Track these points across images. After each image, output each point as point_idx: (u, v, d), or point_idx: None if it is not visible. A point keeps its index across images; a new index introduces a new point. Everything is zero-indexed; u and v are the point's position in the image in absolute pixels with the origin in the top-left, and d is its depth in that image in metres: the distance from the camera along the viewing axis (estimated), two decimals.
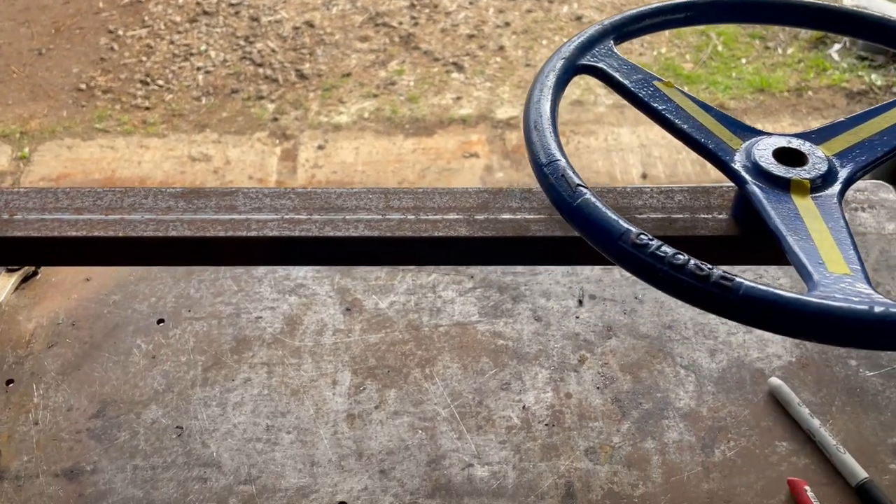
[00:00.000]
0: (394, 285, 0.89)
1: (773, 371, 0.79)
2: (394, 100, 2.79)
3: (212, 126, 2.69)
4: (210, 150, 2.62)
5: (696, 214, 0.68)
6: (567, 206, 0.55)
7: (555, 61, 0.67)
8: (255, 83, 2.85)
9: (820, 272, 0.51)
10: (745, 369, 0.79)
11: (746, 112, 2.59)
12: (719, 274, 0.48)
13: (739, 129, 0.65)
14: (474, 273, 0.90)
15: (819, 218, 0.57)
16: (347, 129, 2.69)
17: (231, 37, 3.04)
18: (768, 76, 2.68)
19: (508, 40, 2.99)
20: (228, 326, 0.85)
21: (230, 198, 0.69)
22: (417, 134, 2.69)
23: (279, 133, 2.67)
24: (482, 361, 0.81)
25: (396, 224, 0.67)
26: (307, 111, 2.73)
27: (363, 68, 2.91)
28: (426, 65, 2.92)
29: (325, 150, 2.61)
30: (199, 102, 2.78)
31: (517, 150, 2.62)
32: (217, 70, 2.90)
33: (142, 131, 2.68)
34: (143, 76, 2.88)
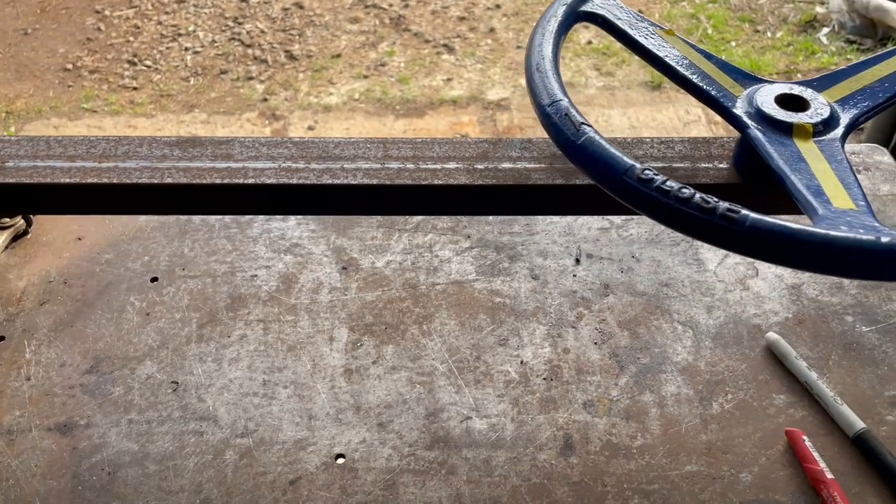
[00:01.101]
0: (390, 245, 0.88)
1: (770, 327, 0.79)
2: (384, 81, 2.77)
3: (200, 106, 2.67)
4: (199, 130, 2.59)
5: (697, 164, 0.68)
6: (571, 145, 0.55)
7: (556, 7, 0.66)
8: (244, 64, 2.82)
9: (825, 206, 0.51)
10: (743, 325, 0.79)
11: None
12: (725, 206, 0.48)
13: (741, 76, 0.65)
14: (471, 233, 0.89)
15: (822, 159, 0.57)
16: (338, 109, 2.67)
17: (220, 17, 3.01)
18: (758, 59, 2.69)
19: (499, 22, 2.98)
20: (223, 284, 0.84)
21: (226, 146, 0.68)
22: (408, 115, 2.67)
23: (269, 114, 2.65)
24: (480, 318, 0.81)
25: (395, 172, 0.66)
26: (297, 92, 2.71)
27: (353, 49, 2.89)
28: (417, 46, 2.91)
29: (315, 131, 2.60)
30: (188, 83, 2.75)
31: (508, 131, 2.61)
32: (205, 51, 2.87)
33: (129, 111, 2.65)
34: (131, 56, 2.85)
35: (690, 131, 2.51)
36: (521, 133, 2.62)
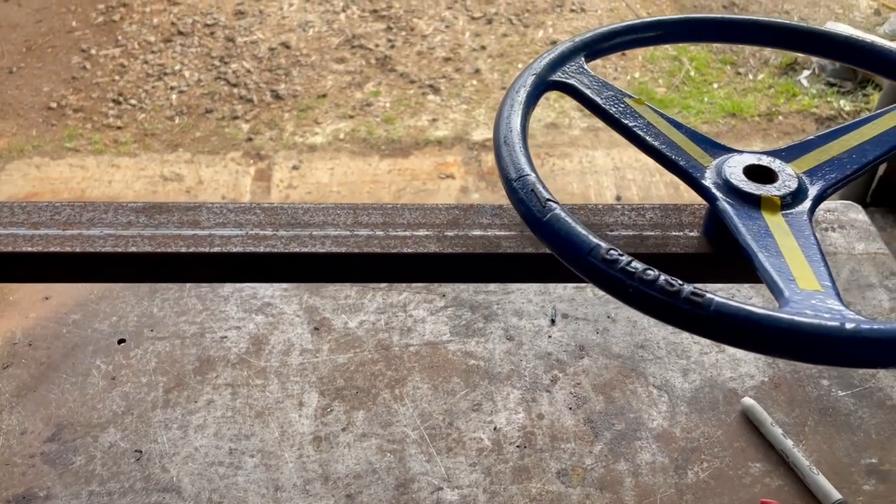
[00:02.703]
0: (364, 304, 0.87)
1: (745, 391, 0.78)
2: (370, 121, 2.79)
3: (185, 145, 2.66)
4: (182, 169, 2.59)
5: (668, 232, 0.67)
6: (536, 221, 0.54)
7: (525, 77, 0.66)
8: (229, 103, 2.83)
9: (791, 288, 0.50)
10: (718, 389, 0.78)
11: (718, 136, 2.62)
12: (690, 290, 0.47)
13: (710, 146, 0.65)
14: (446, 292, 0.88)
15: (790, 234, 0.57)
16: (323, 149, 2.68)
17: (206, 57, 3.02)
18: (739, 101, 2.72)
19: (484, 63, 3.01)
20: (192, 346, 0.82)
21: (193, 213, 0.68)
22: (393, 155, 2.68)
23: (253, 153, 2.65)
24: (453, 382, 0.80)
25: (364, 240, 0.66)
26: (282, 131, 2.72)
27: (339, 89, 2.91)
28: (402, 87, 2.93)
29: (299, 171, 2.60)
30: (173, 122, 2.75)
31: (493, 171, 2.62)
32: (191, 90, 2.88)
33: (113, 150, 2.64)
34: (116, 95, 2.85)
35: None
36: None
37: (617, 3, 3.22)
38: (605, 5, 3.22)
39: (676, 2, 3.22)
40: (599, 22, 3.15)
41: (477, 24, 3.18)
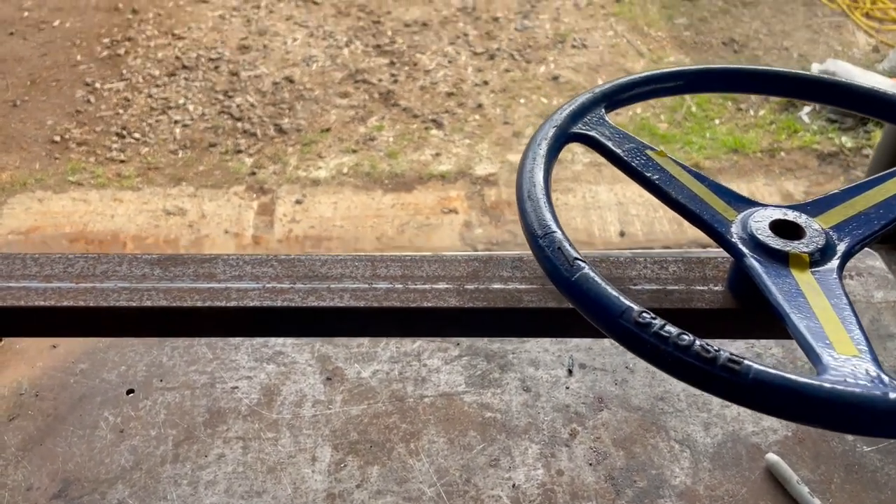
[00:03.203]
0: (377, 353, 0.86)
1: (769, 446, 0.76)
2: (373, 155, 2.79)
3: (188, 179, 2.66)
4: (186, 203, 2.58)
5: (692, 286, 0.66)
6: (564, 281, 0.53)
7: (546, 129, 0.66)
8: (233, 137, 2.84)
9: (828, 354, 0.49)
10: (741, 444, 0.77)
11: (721, 172, 2.63)
12: (727, 356, 0.46)
13: (733, 199, 0.64)
14: (460, 340, 0.87)
15: (821, 294, 0.55)
16: (326, 183, 2.68)
17: (210, 91, 3.04)
18: (741, 137, 2.73)
19: (487, 98, 3.03)
20: (202, 397, 0.81)
21: (209, 265, 0.66)
22: (396, 189, 2.68)
23: (257, 187, 2.64)
24: (469, 435, 0.78)
25: (384, 294, 0.65)
26: (286, 165, 2.72)
27: (343, 124, 2.92)
28: (405, 121, 2.94)
29: (303, 205, 2.59)
30: (176, 156, 2.75)
31: (496, 206, 2.62)
32: (195, 124, 2.89)
33: (116, 184, 2.64)
34: (120, 129, 2.86)
35: None
36: (509, 208, 2.63)
37: (618, 40, 3.25)
38: (606, 42, 3.25)
39: (676, 39, 3.25)
40: (601, 58, 3.17)
41: (479, 60, 3.20)
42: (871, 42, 3.22)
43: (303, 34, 3.34)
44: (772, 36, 3.25)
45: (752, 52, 3.15)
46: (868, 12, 3.38)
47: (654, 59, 3.15)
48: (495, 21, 3.41)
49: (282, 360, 0.85)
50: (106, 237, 2.48)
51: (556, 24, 3.38)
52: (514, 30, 3.35)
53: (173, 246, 2.43)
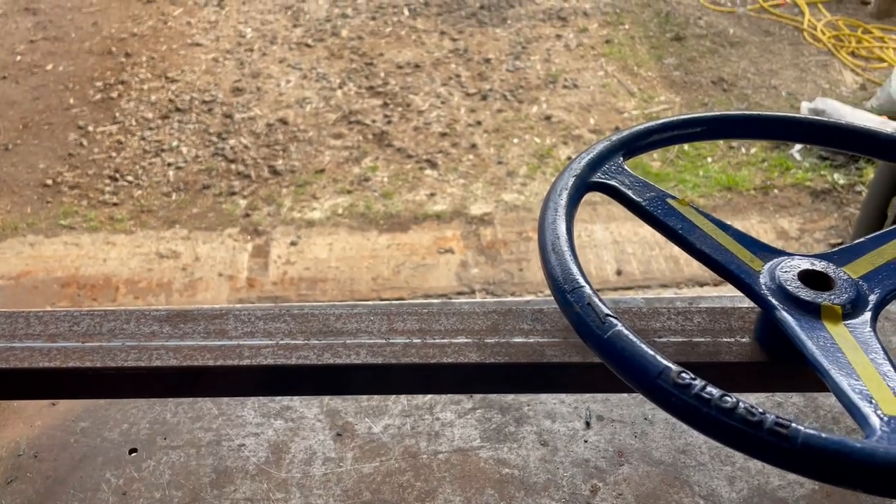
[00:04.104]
0: (388, 406, 0.83)
1: (796, 500, 0.74)
2: (368, 196, 2.78)
3: (182, 222, 2.64)
4: (179, 246, 2.55)
5: (718, 338, 0.65)
6: (596, 338, 0.51)
7: (566, 179, 0.65)
8: (227, 179, 2.83)
9: (875, 415, 0.47)
10: (768, 498, 0.74)
11: (716, 209, 2.63)
12: (773, 419, 0.44)
13: (758, 248, 0.63)
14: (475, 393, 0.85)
15: (857, 348, 0.54)
16: (321, 224, 2.66)
17: (203, 133, 3.03)
18: (734, 174, 2.75)
19: (480, 138, 3.04)
20: (208, 456, 0.78)
21: (220, 321, 0.64)
22: (392, 230, 2.67)
23: (251, 229, 2.62)
24: (487, 493, 0.75)
25: (401, 349, 0.62)
26: (280, 207, 2.71)
27: (337, 165, 2.92)
28: (400, 161, 2.94)
29: (297, 247, 2.57)
30: (170, 198, 2.73)
31: (492, 245, 2.61)
32: (188, 166, 2.88)
33: (108, 228, 2.61)
34: (112, 172, 2.84)
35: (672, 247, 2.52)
36: (505, 248, 2.62)
37: (609, 80, 3.29)
38: (597, 82, 3.29)
39: (666, 79, 3.29)
40: (592, 98, 3.20)
41: (472, 100, 3.22)
42: (857, 80, 3.27)
43: (296, 76, 3.36)
44: (760, 75, 3.30)
45: (741, 91, 3.19)
46: (854, 51, 3.45)
47: (645, 99, 3.18)
48: (487, 62, 3.44)
49: (290, 415, 0.82)
50: (98, 281, 2.44)
51: (547, 64, 3.42)
52: (506, 70, 3.39)
53: (166, 289, 2.40)
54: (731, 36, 3.56)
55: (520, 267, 2.55)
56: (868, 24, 3.59)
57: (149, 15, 3.77)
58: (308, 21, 3.75)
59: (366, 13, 3.82)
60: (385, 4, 3.89)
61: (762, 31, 3.60)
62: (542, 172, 2.89)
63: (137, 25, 3.70)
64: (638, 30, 3.64)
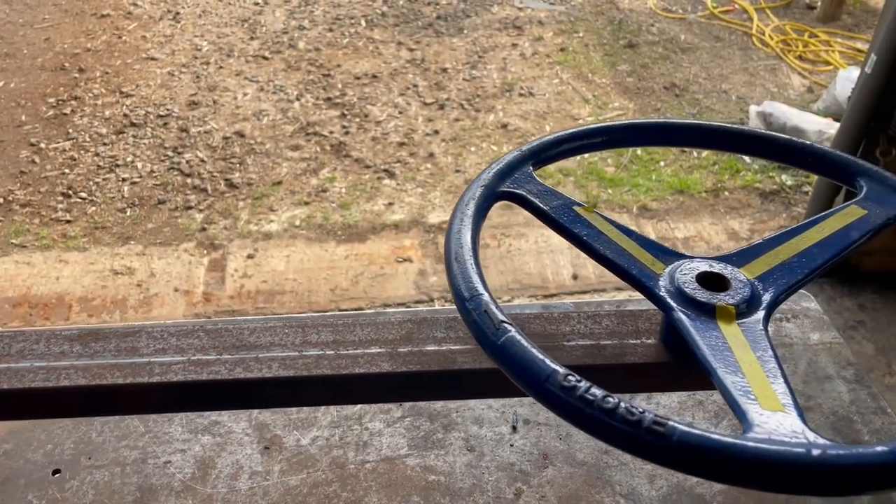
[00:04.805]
0: (317, 418, 0.83)
1: (713, 496, 0.76)
2: (325, 207, 2.78)
3: (136, 238, 2.61)
4: (134, 262, 2.53)
5: (625, 340, 0.66)
6: (490, 344, 0.53)
7: (474, 189, 0.66)
8: (182, 193, 2.80)
9: (753, 410, 0.49)
10: (686, 495, 0.76)
11: (668, 213, 2.68)
12: (651, 418, 0.46)
13: (661, 252, 0.65)
14: (404, 401, 0.85)
15: (747, 347, 0.56)
16: (278, 237, 2.65)
17: (159, 148, 3.01)
18: (686, 178, 2.80)
19: (438, 147, 3.06)
20: (133, 474, 0.77)
21: (132, 338, 0.64)
22: (350, 240, 2.67)
23: (207, 243, 2.61)
24: (412, 501, 0.76)
25: (314, 361, 0.63)
26: (237, 220, 2.69)
27: (294, 176, 2.91)
28: (358, 172, 2.94)
29: (254, 259, 2.56)
30: (124, 214, 2.71)
31: None
32: (143, 181, 2.85)
33: (61, 245, 2.57)
34: (66, 189, 2.80)
35: None
36: None
37: (564, 88, 3.33)
38: (553, 89, 3.33)
39: (620, 85, 3.34)
40: (548, 105, 3.24)
41: (429, 110, 3.24)
42: (805, 83, 3.35)
43: (253, 89, 3.35)
44: (711, 80, 3.36)
45: (692, 96, 3.25)
46: (801, 55, 3.53)
47: (600, 105, 3.23)
48: (444, 72, 3.46)
49: (217, 430, 0.82)
50: (50, 300, 2.41)
51: (503, 73, 3.45)
52: (463, 80, 3.41)
53: (121, 306, 2.37)
54: (683, 42, 3.63)
55: None
56: (814, 29, 3.69)
57: (103, 29, 3.74)
58: (265, 33, 3.74)
59: (323, 25, 3.82)
60: (342, 16, 3.90)
61: (713, 36, 3.68)
62: None
63: (91, 40, 3.66)
64: (592, 37, 3.69)
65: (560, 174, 2.87)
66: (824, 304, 2.47)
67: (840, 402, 0.84)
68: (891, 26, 2.03)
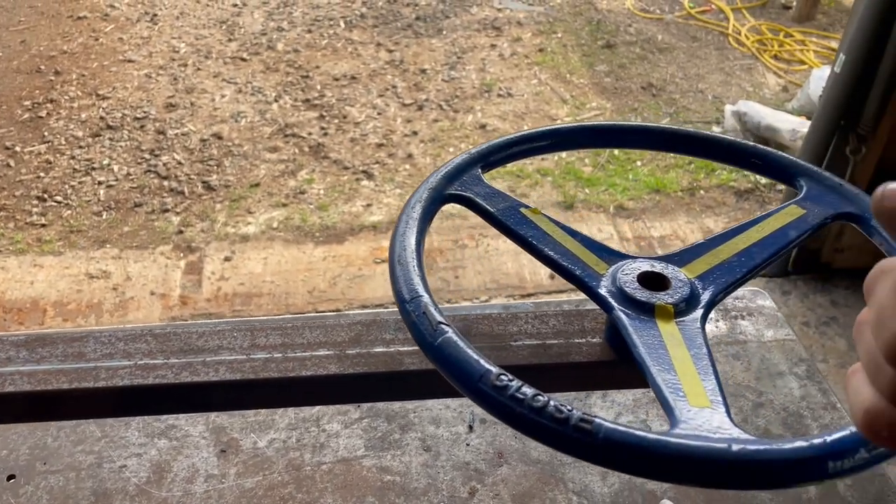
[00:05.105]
0: (275, 420, 0.84)
1: (664, 492, 0.77)
2: (303, 208, 2.78)
3: (112, 241, 2.60)
4: (109, 266, 2.51)
5: (571, 339, 0.67)
6: (428, 345, 0.53)
7: (421, 192, 0.67)
8: (159, 196, 2.79)
9: (681, 407, 0.50)
10: (637, 492, 0.77)
11: (644, 212, 2.70)
12: (579, 416, 0.46)
13: (605, 253, 0.66)
14: (361, 402, 0.86)
15: (682, 344, 0.57)
16: (256, 239, 2.65)
17: (136, 150, 3.00)
18: (662, 177, 2.82)
19: (416, 148, 3.06)
20: (88, 479, 0.77)
21: (79, 343, 0.64)
22: (328, 242, 2.67)
23: (184, 246, 2.60)
24: (367, 501, 0.76)
25: (261, 364, 0.63)
26: (214, 223, 2.68)
27: (272, 178, 2.91)
28: (336, 173, 2.94)
29: (232, 262, 2.55)
30: (100, 217, 2.69)
31: (428, 254, 2.63)
32: (120, 184, 2.84)
33: (36, 249, 2.56)
34: (41, 192, 2.78)
35: None
36: (441, 256, 2.65)
37: (542, 88, 3.35)
38: (531, 90, 3.34)
39: (598, 85, 3.36)
40: (526, 106, 3.25)
41: (408, 111, 3.25)
42: (780, 82, 3.38)
43: (231, 90, 3.34)
44: (687, 80, 3.39)
45: (669, 96, 3.28)
46: (776, 54, 3.57)
47: (577, 105, 3.24)
48: (423, 73, 3.47)
49: (174, 433, 0.82)
50: (25, 305, 2.39)
51: (482, 74, 3.46)
52: (442, 80, 3.42)
53: (96, 310, 2.36)
54: (660, 42, 3.66)
55: (456, 275, 2.57)
56: (790, 28, 3.72)
57: (79, 32, 3.71)
58: (243, 35, 3.73)
59: (302, 26, 3.82)
60: (321, 17, 3.90)
61: (689, 36, 3.70)
62: None
63: (67, 43, 3.64)
64: (570, 38, 3.71)
65: (538, 174, 2.88)
66: (797, 301, 2.50)
67: (791, 398, 0.86)
68: (859, 26, 2.06)
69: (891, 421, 0.30)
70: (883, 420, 0.30)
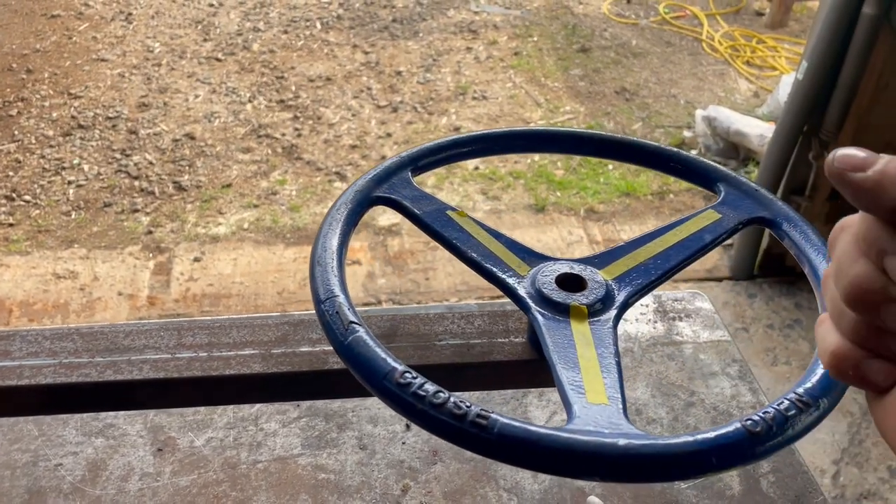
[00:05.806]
0: (213, 419, 0.84)
1: (592, 488, 0.78)
2: (275, 209, 2.78)
3: (80, 241, 2.59)
4: (77, 266, 2.50)
5: (494, 339, 0.68)
6: (339, 344, 0.54)
7: (349, 194, 0.68)
8: (129, 196, 2.79)
9: (579, 403, 0.51)
10: (566, 488, 0.79)
11: (615, 215, 2.72)
12: (476, 412, 0.48)
13: (528, 255, 0.67)
14: (300, 402, 0.87)
15: (591, 344, 0.58)
16: (226, 240, 2.64)
17: (107, 150, 2.98)
18: (633, 181, 2.85)
19: (390, 150, 3.07)
20: (23, 477, 0.78)
21: (5, 342, 0.65)
22: (299, 243, 2.67)
23: (153, 246, 2.59)
24: (300, 499, 0.77)
25: (185, 363, 0.64)
26: (184, 223, 2.68)
27: (244, 179, 2.91)
28: (309, 174, 2.95)
29: (201, 263, 2.55)
30: (69, 217, 2.68)
31: (399, 255, 2.64)
32: (90, 183, 2.83)
33: (3, 249, 2.54)
34: (9, 192, 2.77)
35: (574, 251, 2.60)
36: (412, 257, 2.66)
37: (517, 91, 3.37)
38: (506, 93, 3.36)
39: (572, 89, 3.39)
40: (500, 109, 3.27)
41: (383, 113, 3.26)
42: (751, 88, 3.43)
43: (205, 91, 3.33)
44: (660, 84, 3.42)
45: (642, 101, 3.31)
46: (749, 60, 3.61)
47: (552, 109, 3.27)
48: (398, 75, 3.48)
49: (111, 432, 0.82)
50: None
51: (457, 76, 3.48)
52: (417, 83, 3.43)
53: (63, 310, 2.35)
54: (634, 47, 3.69)
55: (426, 276, 2.58)
56: (762, 35, 3.77)
57: (52, 30, 3.69)
58: (219, 35, 3.73)
59: (278, 27, 3.82)
60: (297, 18, 3.90)
61: (663, 42, 3.74)
62: (450, 182, 2.93)
63: (40, 41, 3.61)
64: (546, 42, 3.73)
65: (510, 177, 2.90)
66: (763, 304, 2.53)
67: (722, 398, 0.88)
68: (821, 35, 2.09)
69: (855, 361, 0.33)
70: (848, 361, 0.33)
